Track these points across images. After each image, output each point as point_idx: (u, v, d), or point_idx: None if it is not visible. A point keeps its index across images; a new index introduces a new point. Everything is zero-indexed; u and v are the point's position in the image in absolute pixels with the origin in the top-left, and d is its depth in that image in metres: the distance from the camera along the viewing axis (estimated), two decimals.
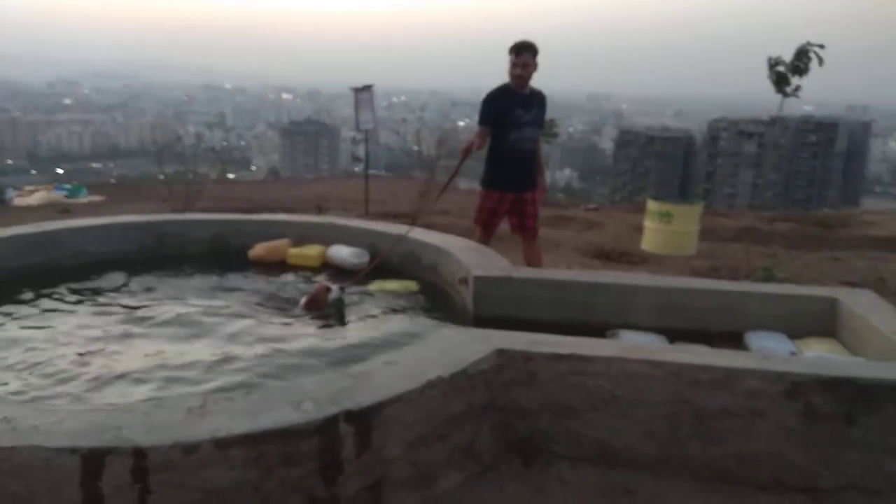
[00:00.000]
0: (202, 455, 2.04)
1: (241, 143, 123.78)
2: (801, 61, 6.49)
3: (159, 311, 4.08)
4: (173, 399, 2.69)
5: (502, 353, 2.76)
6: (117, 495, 2.01)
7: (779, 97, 6.83)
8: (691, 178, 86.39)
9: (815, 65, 6.58)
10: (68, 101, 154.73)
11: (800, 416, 2.61)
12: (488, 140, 4.98)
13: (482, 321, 3.70)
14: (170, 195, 9.81)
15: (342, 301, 4.19)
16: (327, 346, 3.65)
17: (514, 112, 4.87)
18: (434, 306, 4.38)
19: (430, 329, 3.88)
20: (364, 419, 2.28)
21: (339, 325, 4.04)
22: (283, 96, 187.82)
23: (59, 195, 14.00)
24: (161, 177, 11.31)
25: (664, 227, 7.38)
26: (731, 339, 3.59)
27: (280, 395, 2.34)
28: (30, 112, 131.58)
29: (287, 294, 4.52)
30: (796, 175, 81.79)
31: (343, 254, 5.10)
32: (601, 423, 2.75)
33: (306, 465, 2.18)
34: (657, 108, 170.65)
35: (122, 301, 4.29)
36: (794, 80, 6.59)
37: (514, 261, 4.83)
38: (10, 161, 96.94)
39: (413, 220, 5.56)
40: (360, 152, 10.85)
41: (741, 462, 2.69)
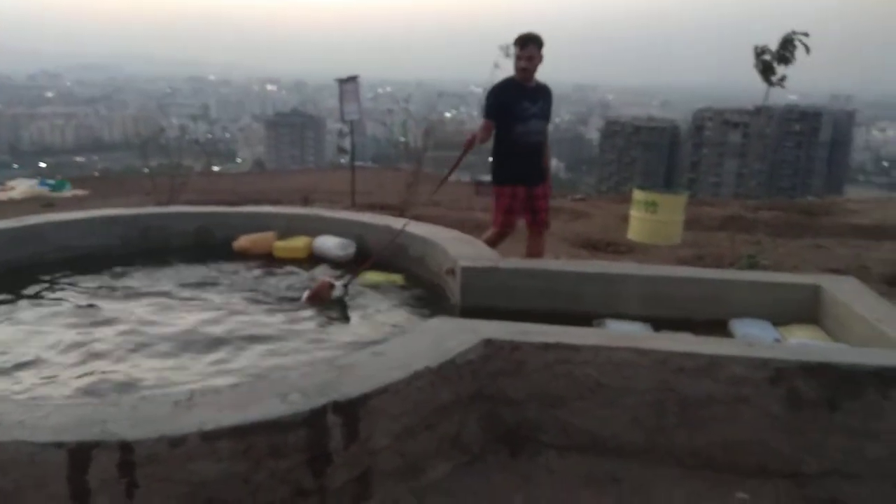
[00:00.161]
0: (189, 448, 2.03)
1: (226, 135, 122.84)
2: (787, 50, 6.50)
3: (147, 307, 4.05)
4: (160, 393, 2.68)
5: (489, 342, 2.77)
6: (104, 489, 2.01)
7: (763, 87, 6.85)
8: (677, 168, 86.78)
9: (800, 54, 6.60)
10: (50, 94, 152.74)
11: (784, 402, 2.64)
12: (494, 134, 4.89)
13: (470, 312, 3.71)
14: (154, 188, 9.73)
15: (345, 296, 4.17)
16: (332, 341, 3.63)
17: (519, 105, 4.79)
18: (422, 297, 4.39)
19: (417, 320, 3.89)
20: (351, 410, 2.28)
21: (343, 321, 4.02)
22: (268, 88, 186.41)
23: (42, 189, 13.85)
24: (145, 170, 11.22)
25: (650, 217, 7.42)
26: (716, 327, 3.63)
27: (267, 387, 2.33)
28: (12, 105, 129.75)
29: (288, 288, 4.48)
30: (781, 164, 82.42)
31: (329, 245, 5.09)
32: (588, 411, 2.76)
33: (294, 457, 2.18)
34: (643, 98, 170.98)
35: (109, 295, 4.26)
36: (780, 70, 6.60)
37: (509, 252, 4.84)
38: None
39: (410, 214, 5.54)
40: (346, 144, 10.79)
41: (726, 449, 2.71)
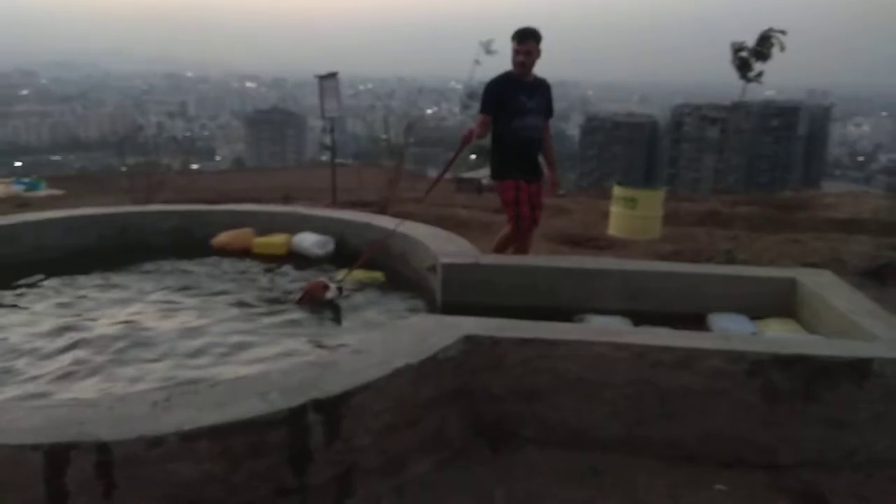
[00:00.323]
0: (168, 448, 2.02)
1: (205, 132, 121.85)
2: (764, 47, 6.60)
3: (128, 308, 4.01)
4: (138, 393, 2.65)
5: (470, 338, 2.78)
6: (82, 491, 1.99)
7: (741, 82, 6.94)
8: (657, 163, 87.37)
9: (776, 50, 6.69)
10: (25, 92, 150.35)
11: (760, 394, 2.68)
12: (491, 129, 4.82)
13: (451, 308, 3.71)
14: (131, 187, 9.64)
15: (339, 296, 4.14)
16: (327, 343, 3.60)
17: (516, 100, 4.73)
18: (403, 294, 4.39)
19: (398, 317, 3.89)
20: (332, 408, 2.28)
21: (335, 322, 3.98)
22: (248, 84, 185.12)
23: (17, 189, 13.67)
24: (122, 168, 11.12)
25: (629, 213, 7.48)
26: (694, 321, 3.66)
27: (247, 386, 2.32)
28: None
29: (279, 287, 4.43)
30: (758, 159, 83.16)
31: (307, 242, 5.07)
32: (568, 405, 2.78)
33: (275, 456, 2.17)
34: (622, 94, 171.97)
35: (87, 297, 4.21)
36: (757, 66, 6.69)
37: (485, 248, 4.85)
38: None
39: (393, 212, 5.52)
40: (328, 141, 10.75)
41: (704, 440, 2.75)
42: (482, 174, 19.29)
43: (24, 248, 4.80)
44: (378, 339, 2.84)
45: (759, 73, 6.30)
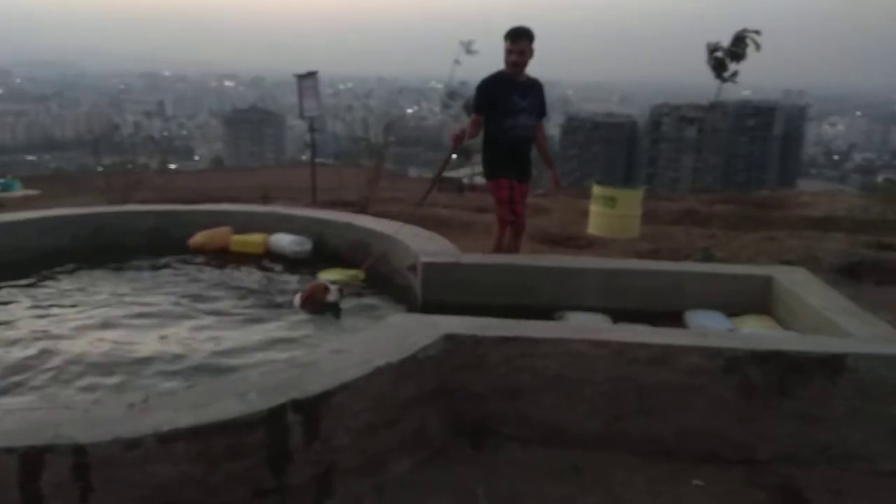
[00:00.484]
0: (145, 450, 2.00)
1: (183, 132, 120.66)
2: (739, 47, 6.67)
3: (105, 309, 3.96)
4: (114, 395, 2.63)
5: (451, 337, 2.78)
6: (58, 494, 1.96)
7: (717, 82, 7.02)
8: (636, 163, 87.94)
9: (751, 50, 6.77)
10: (0, 91, 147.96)
11: (736, 390, 2.71)
12: (483, 128, 4.78)
13: (431, 307, 3.71)
14: (108, 187, 9.52)
15: (340, 299, 4.09)
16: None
17: (509, 99, 4.69)
18: (384, 294, 4.38)
19: (378, 317, 3.87)
20: (312, 408, 2.27)
21: (339, 325, 3.92)
22: (226, 83, 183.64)
23: None
24: (99, 168, 10.97)
25: (609, 212, 7.53)
26: (672, 318, 3.70)
27: (225, 387, 2.31)
28: None
29: (277, 290, 4.38)
30: (735, 158, 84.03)
31: (284, 242, 5.04)
32: (548, 403, 2.80)
33: (254, 457, 2.16)
34: (603, 94, 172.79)
35: (62, 297, 4.15)
36: (732, 66, 6.77)
37: (466, 248, 4.84)
38: None
39: (374, 211, 5.48)
40: (310, 138, 10.71)
41: (682, 436, 2.77)
42: (463, 174, 19.30)
43: None
44: (358, 339, 2.83)
45: (734, 73, 6.36)
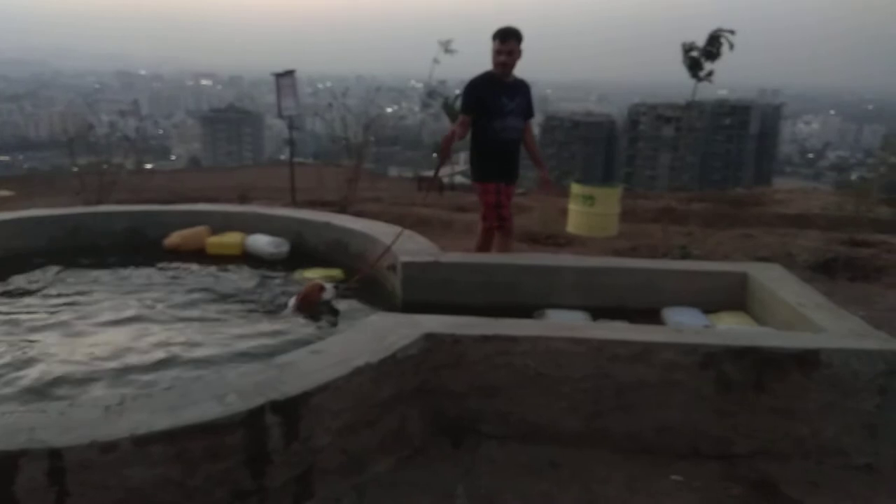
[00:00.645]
0: (121, 453, 1.98)
1: (159, 131, 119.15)
2: (714, 46, 6.70)
3: (82, 311, 3.89)
4: (90, 398, 2.59)
5: (430, 336, 2.79)
6: (33, 498, 1.94)
7: (693, 82, 7.06)
8: (615, 162, 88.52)
9: (726, 50, 6.81)
10: None
11: (713, 385, 2.74)
12: (471, 130, 4.74)
13: (411, 307, 3.71)
14: (83, 188, 9.38)
15: (335, 299, 4.04)
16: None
17: (498, 100, 4.65)
18: (364, 294, 4.36)
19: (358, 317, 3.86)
20: (291, 409, 2.26)
21: (331, 326, 3.88)
22: (203, 82, 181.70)
23: None
24: (73, 169, 10.80)
25: (587, 210, 7.54)
26: (649, 315, 3.73)
27: (203, 389, 2.29)
28: None
29: (269, 292, 4.31)
30: (712, 157, 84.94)
31: (261, 243, 5.00)
32: (527, 400, 2.81)
33: (232, 459, 2.15)
34: (581, 93, 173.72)
35: (37, 299, 4.09)
36: (707, 65, 6.80)
37: (446, 246, 4.85)
38: None
39: (353, 211, 5.44)
40: (290, 136, 10.64)
41: (660, 432, 2.80)
42: (442, 173, 19.27)
43: None
44: (337, 339, 2.83)
45: (710, 73, 6.41)
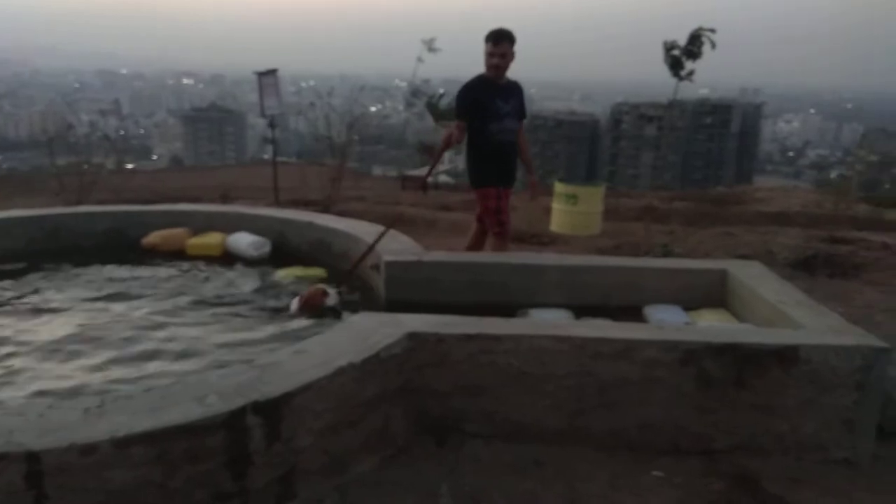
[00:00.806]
0: (101, 456, 1.96)
1: (140, 130, 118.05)
2: (695, 45, 6.77)
3: (63, 314, 3.84)
4: (69, 400, 2.56)
5: (414, 335, 2.79)
6: (10, 502, 1.91)
7: (675, 81, 7.12)
8: (598, 161, 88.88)
9: (707, 48, 6.88)
10: None
11: (694, 382, 2.76)
12: (467, 134, 4.66)
13: (395, 306, 3.70)
14: (62, 188, 9.28)
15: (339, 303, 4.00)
16: None
17: (493, 103, 4.60)
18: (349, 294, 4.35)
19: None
20: (272, 410, 2.25)
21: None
22: (185, 81, 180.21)
23: None
24: (53, 169, 10.68)
25: (571, 209, 7.59)
26: (632, 313, 3.75)
27: (183, 391, 2.27)
28: None
29: (273, 295, 4.27)
30: (694, 156, 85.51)
31: (243, 243, 4.97)
32: (511, 399, 2.82)
33: (213, 460, 2.13)
34: (564, 92, 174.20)
35: (18, 301, 4.03)
36: (689, 64, 6.87)
37: (430, 246, 4.84)
38: None
39: (336, 210, 5.40)
40: (271, 134, 10.58)
41: (642, 429, 2.82)
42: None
43: None
44: (320, 340, 2.81)
45: (691, 72, 6.48)
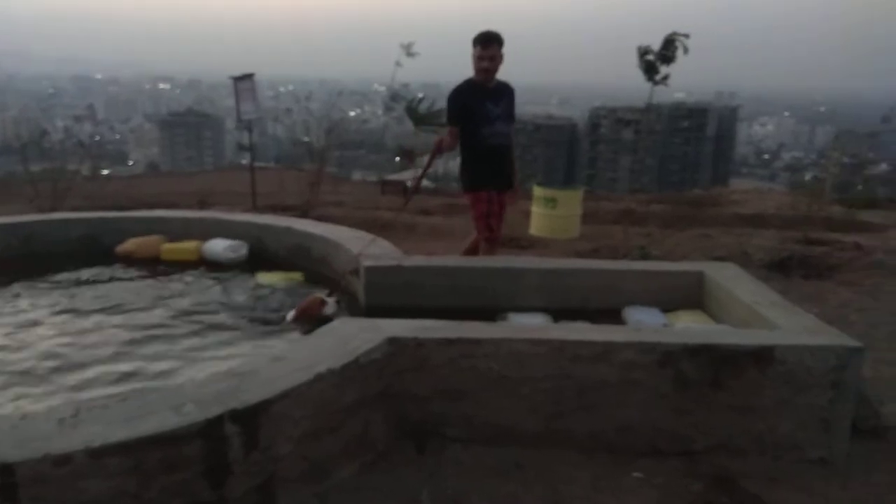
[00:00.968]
0: (75, 466, 1.94)
1: (116, 136, 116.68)
2: (669, 50, 6.81)
3: (40, 325, 3.76)
4: (43, 410, 2.52)
5: (393, 340, 2.78)
6: None
7: (650, 85, 7.16)
8: (576, 164, 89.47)
9: (680, 53, 6.93)
10: None
11: (672, 383, 2.79)
12: (460, 139, 4.67)
13: (375, 311, 3.69)
14: (36, 195, 9.14)
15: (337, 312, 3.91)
16: None
17: (483, 107, 4.59)
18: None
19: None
20: (251, 418, 2.23)
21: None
22: (161, 86, 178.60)
23: None
24: (27, 175, 10.51)
25: (549, 212, 7.61)
26: (611, 315, 3.77)
27: (159, 400, 2.25)
28: None
29: (267, 304, 4.20)
30: (670, 159, 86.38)
31: (219, 248, 4.93)
32: (491, 403, 2.82)
33: (190, 469, 2.11)
34: (543, 96, 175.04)
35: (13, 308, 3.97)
36: (663, 69, 6.91)
37: (410, 250, 4.83)
38: None
39: (315, 215, 5.35)
40: (246, 140, 10.50)
41: (621, 431, 2.84)
42: (406, 176, 19.27)
43: None
44: (299, 346, 2.81)
45: (665, 77, 6.52)
